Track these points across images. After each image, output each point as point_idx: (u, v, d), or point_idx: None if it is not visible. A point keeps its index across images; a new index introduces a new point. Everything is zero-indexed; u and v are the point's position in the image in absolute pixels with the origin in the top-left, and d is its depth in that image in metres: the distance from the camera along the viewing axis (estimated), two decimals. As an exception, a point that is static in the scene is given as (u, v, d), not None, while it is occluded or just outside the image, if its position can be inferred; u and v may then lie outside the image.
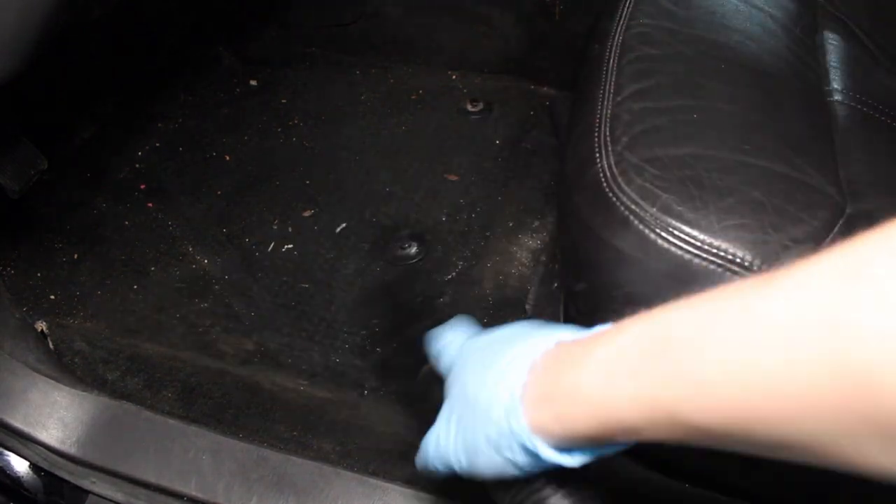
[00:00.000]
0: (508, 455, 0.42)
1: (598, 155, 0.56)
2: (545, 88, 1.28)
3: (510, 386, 0.42)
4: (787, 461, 0.30)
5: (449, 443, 0.47)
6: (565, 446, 0.40)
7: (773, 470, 0.54)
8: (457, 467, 0.48)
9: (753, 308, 0.30)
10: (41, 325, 0.94)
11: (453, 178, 1.14)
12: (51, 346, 0.92)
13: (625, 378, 0.35)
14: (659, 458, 0.63)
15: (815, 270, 0.28)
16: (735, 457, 0.32)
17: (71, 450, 0.77)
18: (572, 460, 0.40)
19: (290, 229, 1.09)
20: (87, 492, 0.80)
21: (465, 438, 0.46)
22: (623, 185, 0.53)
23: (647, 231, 0.51)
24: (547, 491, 0.45)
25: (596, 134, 0.58)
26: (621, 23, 0.69)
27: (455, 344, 0.53)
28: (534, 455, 0.41)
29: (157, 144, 1.25)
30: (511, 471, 0.43)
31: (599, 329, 0.41)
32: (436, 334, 0.58)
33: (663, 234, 0.50)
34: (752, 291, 0.30)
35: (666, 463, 0.64)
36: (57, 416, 0.79)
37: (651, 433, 0.35)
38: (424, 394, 0.60)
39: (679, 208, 0.51)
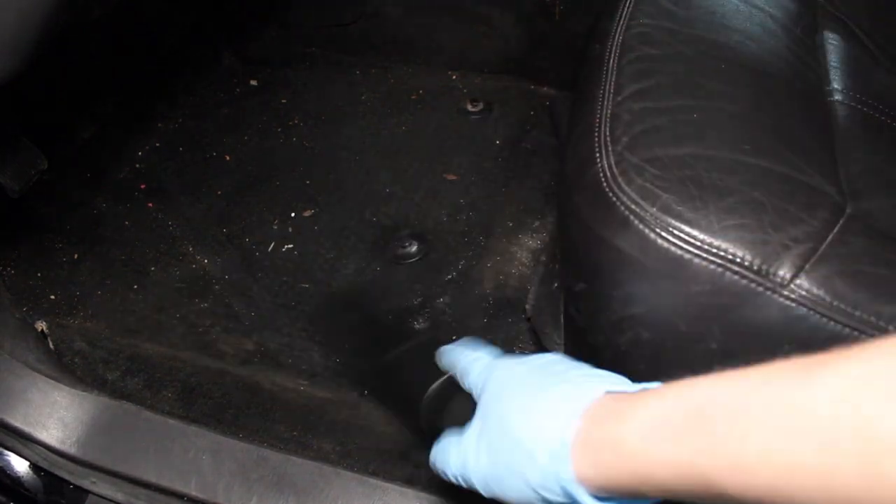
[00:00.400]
0: (546, 495, 0.43)
1: (598, 155, 0.56)
2: (545, 88, 1.28)
3: (559, 431, 0.43)
4: None
5: (478, 466, 0.48)
6: (602, 495, 0.41)
7: None
8: (480, 488, 0.49)
9: (793, 397, 0.32)
10: (41, 325, 0.94)
11: (452, 177, 1.14)
12: (51, 346, 0.92)
13: (665, 442, 0.37)
14: None
15: (857, 368, 0.30)
16: None
17: (71, 450, 0.77)
18: None
19: (290, 229, 1.09)
20: (87, 492, 0.80)
21: (498, 470, 0.47)
22: (623, 184, 0.53)
23: (647, 231, 0.51)
24: None
25: (596, 134, 0.58)
26: (621, 23, 0.69)
27: (482, 362, 0.54)
28: (572, 500, 0.42)
29: (157, 144, 1.25)
30: None
31: (647, 386, 0.43)
32: (452, 351, 0.59)
33: (663, 233, 0.50)
34: (794, 379, 0.33)
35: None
36: (57, 416, 0.79)
37: (685, 495, 0.37)
38: (436, 409, 0.60)
39: (679, 208, 0.51)
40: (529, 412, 0.45)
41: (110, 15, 0.94)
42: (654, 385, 0.42)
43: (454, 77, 1.33)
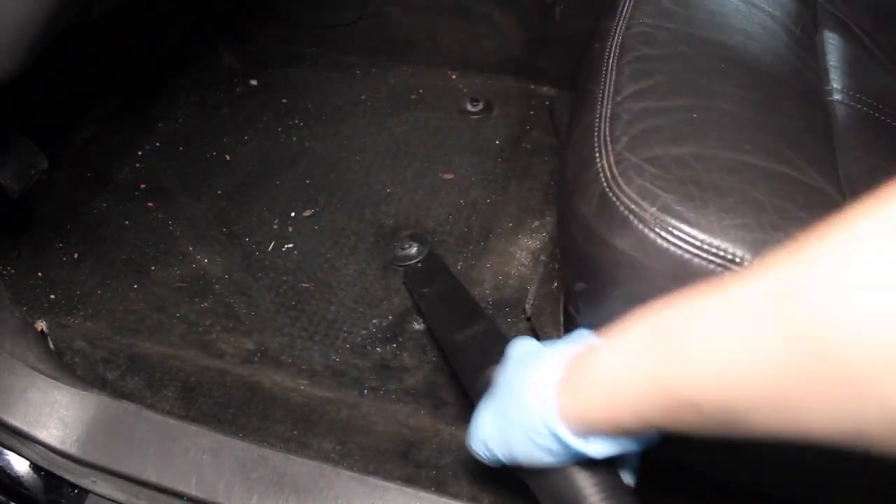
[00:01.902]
0: (540, 441, 0.46)
1: (598, 155, 0.56)
2: (545, 88, 1.29)
3: (546, 379, 0.46)
4: (773, 444, 0.34)
5: (492, 432, 0.51)
6: (588, 433, 0.44)
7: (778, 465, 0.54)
8: (499, 454, 0.51)
9: (731, 291, 0.35)
10: (41, 325, 0.94)
11: (449, 176, 1.14)
12: (51, 345, 0.92)
13: (631, 361, 0.40)
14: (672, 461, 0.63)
15: (779, 258, 0.33)
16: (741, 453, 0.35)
17: (71, 449, 0.77)
18: (593, 448, 0.44)
19: (290, 229, 1.09)
20: (88, 491, 0.80)
21: (503, 427, 0.50)
22: (623, 184, 0.53)
23: (646, 231, 0.51)
24: (578, 477, 0.48)
25: (596, 134, 0.58)
26: (621, 23, 0.69)
27: (514, 349, 0.58)
28: (562, 442, 0.45)
29: (157, 144, 1.25)
30: (545, 458, 0.47)
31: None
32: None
33: (663, 233, 0.50)
34: (733, 279, 0.35)
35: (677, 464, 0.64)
36: (57, 416, 0.79)
37: (655, 415, 0.38)
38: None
39: (679, 208, 0.51)
40: (527, 372, 0.49)
41: (110, 15, 0.94)
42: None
43: (454, 77, 1.33)
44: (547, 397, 0.45)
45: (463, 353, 0.71)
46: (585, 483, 0.48)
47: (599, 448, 0.44)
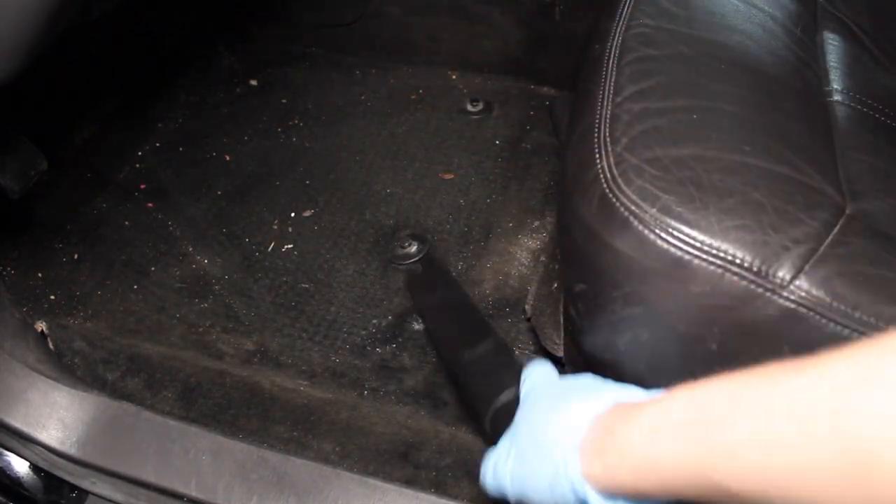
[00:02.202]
0: (559, 494, 0.47)
1: (597, 156, 0.56)
2: (545, 88, 1.29)
3: (572, 434, 0.46)
4: None
5: (505, 470, 0.52)
6: (611, 496, 0.44)
7: None
8: (509, 493, 0.52)
9: (779, 390, 0.35)
10: (41, 325, 0.94)
11: (448, 176, 1.14)
12: (51, 346, 0.92)
13: (666, 441, 0.40)
14: None
15: (833, 367, 0.33)
16: None
17: (71, 450, 0.77)
18: None
19: (290, 229, 1.09)
20: (87, 492, 0.80)
21: (523, 471, 0.50)
22: (623, 185, 0.53)
23: (646, 232, 0.51)
24: None
25: (596, 134, 0.58)
26: (621, 23, 0.68)
27: (532, 378, 0.58)
28: (582, 501, 0.45)
29: (157, 144, 1.25)
30: None
31: (654, 395, 0.46)
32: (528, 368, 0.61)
33: (663, 234, 0.50)
34: (780, 375, 0.35)
35: None
36: (57, 417, 0.79)
37: (687, 493, 0.39)
38: (502, 420, 0.62)
39: (679, 209, 0.51)
40: (550, 419, 0.49)
41: (110, 15, 0.94)
42: (661, 393, 0.45)
43: (454, 77, 1.33)
44: (572, 454, 0.45)
45: (471, 374, 0.69)
46: None
47: None
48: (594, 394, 0.49)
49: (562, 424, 0.48)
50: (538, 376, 0.57)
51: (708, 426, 0.37)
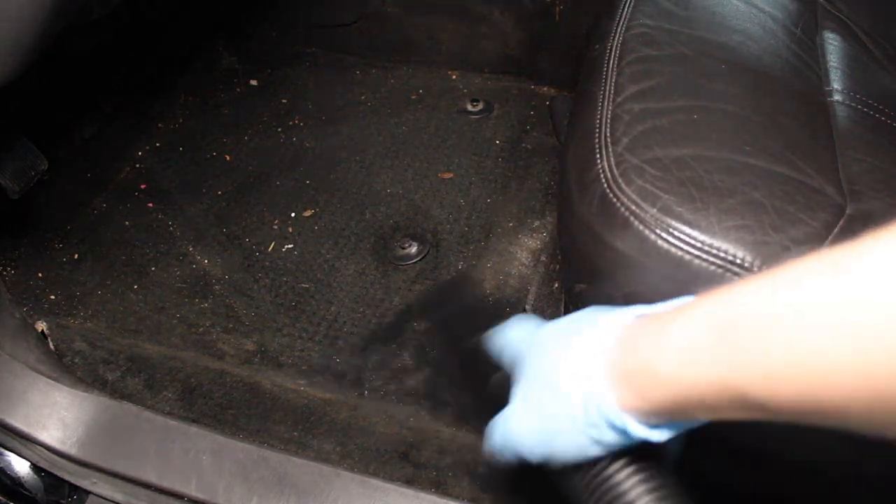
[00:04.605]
0: (594, 434, 0.42)
1: (598, 156, 0.56)
2: (545, 88, 1.29)
3: (593, 366, 0.42)
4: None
5: (521, 428, 0.47)
6: (649, 422, 0.41)
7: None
8: (527, 451, 0.47)
9: (822, 296, 0.31)
10: (41, 326, 0.94)
11: (447, 175, 1.14)
12: (51, 346, 0.92)
13: (698, 363, 0.37)
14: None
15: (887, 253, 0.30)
16: None
17: (71, 450, 0.77)
18: (659, 434, 0.41)
19: (290, 229, 1.09)
20: (88, 492, 0.80)
21: (542, 422, 0.46)
22: (623, 185, 0.53)
23: (647, 232, 0.51)
24: (617, 466, 0.45)
25: (596, 135, 0.58)
26: (621, 23, 0.69)
27: (518, 338, 0.53)
28: (621, 432, 0.41)
29: (157, 144, 1.25)
30: (593, 450, 0.44)
31: (676, 304, 0.42)
32: (496, 332, 0.57)
33: (663, 234, 0.50)
34: (821, 276, 0.32)
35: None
36: (57, 417, 0.79)
37: (727, 412, 0.36)
38: (497, 397, 0.60)
39: (679, 209, 0.51)
40: (566, 357, 0.45)
41: (110, 15, 0.94)
42: (684, 301, 0.41)
43: (454, 77, 1.33)
44: (601, 386, 0.41)
45: (472, 354, 0.66)
46: (634, 476, 0.45)
47: (665, 433, 0.41)
48: (606, 318, 0.45)
49: (580, 359, 0.44)
50: (526, 329, 0.53)
51: (742, 348, 0.34)
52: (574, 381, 0.43)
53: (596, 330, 0.44)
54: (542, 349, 0.49)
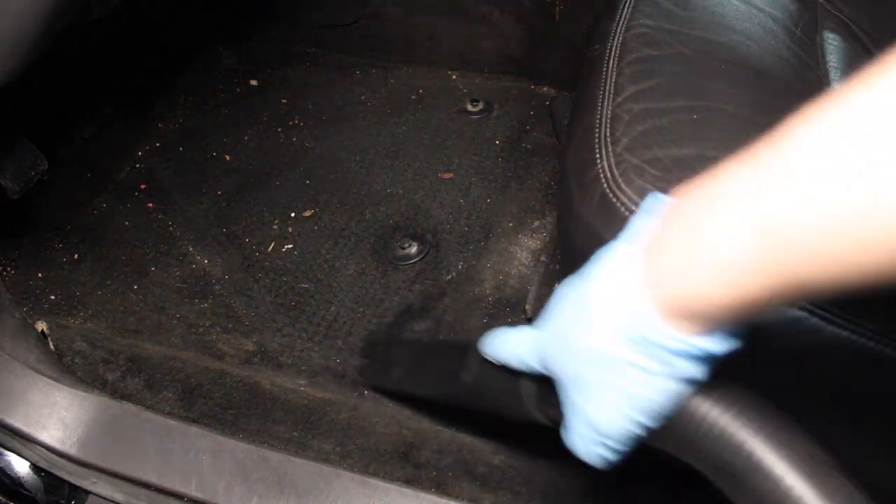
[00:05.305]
0: (642, 363, 0.37)
1: (598, 156, 0.56)
2: (545, 88, 1.29)
3: (624, 280, 0.38)
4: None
5: (599, 416, 0.41)
6: (697, 332, 0.36)
7: None
8: (623, 438, 0.41)
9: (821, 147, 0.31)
10: (41, 326, 0.94)
11: (448, 175, 1.14)
12: (51, 346, 0.92)
13: (733, 213, 0.34)
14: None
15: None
16: None
17: (71, 450, 0.77)
18: (712, 344, 0.36)
19: (290, 229, 1.09)
20: (88, 492, 0.80)
21: (573, 367, 0.41)
22: (623, 185, 0.53)
23: (647, 232, 0.51)
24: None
25: (596, 135, 0.58)
26: (621, 23, 0.69)
27: (528, 338, 0.48)
28: (673, 351, 0.36)
29: (157, 144, 1.25)
30: (642, 379, 0.38)
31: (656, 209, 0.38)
32: (496, 339, 0.53)
33: (663, 235, 0.50)
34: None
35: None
36: (57, 417, 0.79)
37: (769, 300, 0.34)
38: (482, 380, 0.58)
39: (679, 209, 0.51)
40: (594, 277, 0.40)
41: (110, 15, 0.94)
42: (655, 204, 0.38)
43: (454, 77, 1.33)
44: (637, 297, 0.37)
45: (483, 386, 0.61)
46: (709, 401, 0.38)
47: (718, 343, 0.36)
48: (619, 242, 0.40)
49: (610, 281, 0.38)
50: (524, 331, 0.48)
51: (782, 233, 0.32)
52: (612, 301, 0.38)
53: (614, 253, 0.39)
54: (561, 310, 0.43)
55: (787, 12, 0.74)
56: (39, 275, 1.03)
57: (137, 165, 1.21)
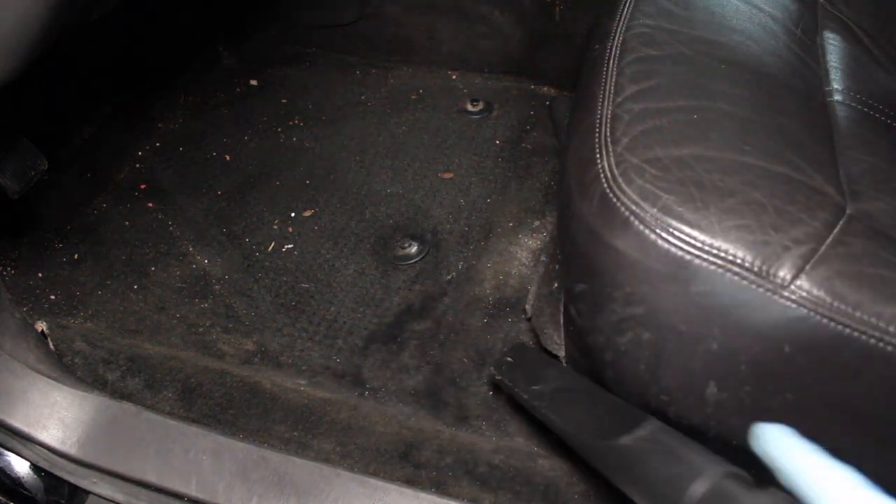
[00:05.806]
0: None
1: (598, 156, 0.56)
2: (545, 88, 1.29)
3: None
4: None
5: None
6: None
7: None
8: None
9: None
10: (41, 326, 0.94)
11: (448, 175, 1.14)
12: (51, 346, 0.92)
13: None
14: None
15: None
16: None
17: (71, 450, 0.77)
18: None
19: (290, 229, 1.09)
20: (88, 492, 0.80)
21: None
22: (623, 185, 0.53)
23: (647, 232, 0.51)
24: None
25: (596, 134, 0.58)
26: (621, 23, 0.69)
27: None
28: None
29: (157, 144, 1.25)
30: None
31: None
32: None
33: (664, 234, 0.50)
34: None
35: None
36: (57, 417, 0.79)
37: None
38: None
39: (679, 209, 0.51)
40: None
41: (111, 15, 0.94)
42: None
43: (454, 77, 1.33)
44: None
45: (637, 460, 0.55)
46: None
47: None
48: None
49: None
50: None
51: None
52: None
53: None
54: None
55: (788, 12, 0.74)
56: (39, 275, 1.03)
57: (137, 165, 1.21)
